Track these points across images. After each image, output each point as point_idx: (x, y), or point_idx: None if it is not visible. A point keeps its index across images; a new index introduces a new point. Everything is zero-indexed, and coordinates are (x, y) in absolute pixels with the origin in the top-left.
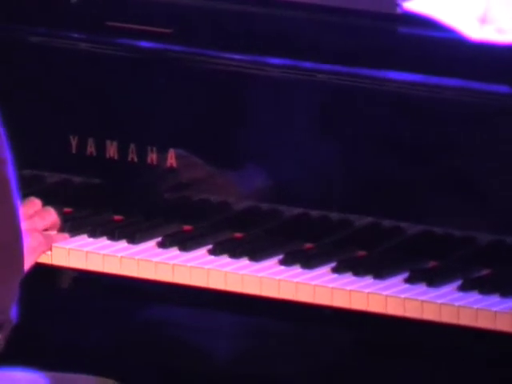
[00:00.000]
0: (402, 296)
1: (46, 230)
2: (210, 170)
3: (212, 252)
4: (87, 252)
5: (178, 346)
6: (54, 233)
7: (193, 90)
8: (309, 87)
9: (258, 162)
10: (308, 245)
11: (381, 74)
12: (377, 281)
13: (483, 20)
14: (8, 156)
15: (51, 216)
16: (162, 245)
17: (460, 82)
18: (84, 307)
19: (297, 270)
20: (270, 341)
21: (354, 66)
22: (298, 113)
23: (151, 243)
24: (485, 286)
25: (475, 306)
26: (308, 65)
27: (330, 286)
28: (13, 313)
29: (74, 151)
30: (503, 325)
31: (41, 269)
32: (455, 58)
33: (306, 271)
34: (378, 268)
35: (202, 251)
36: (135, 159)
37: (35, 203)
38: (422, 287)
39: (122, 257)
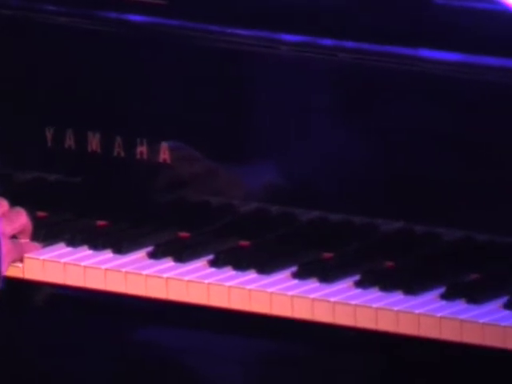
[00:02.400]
0: (438, 315)
1: (14, 235)
2: (210, 166)
3: (213, 263)
4: (65, 264)
5: (173, 373)
6: (25, 241)
7: (190, 72)
8: (328, 68)
9: (268, 156)
10: (326, 254)
11: (412, 52)
12: (408, 297)
13: None
14: None
15: (21, 218)
16: (153, 255)
17: (506, 61)
18: (62, 329)
19: (313, 284)
20: (281, 368)
21: (381, 43)
22: (315, 99)
23: (141, 253)
24: None
25: None
26: (328, 42)
27: (353, 302)
28: None
29: (49, 144)
30: None
31: (10, 284)
32: (501, 34)
33: (324, 286)
34: (409, 282)
35: (202, 262)
36: (122, 153)
37: (1, 204)
38: (461, 304)
39: (106, 269)
